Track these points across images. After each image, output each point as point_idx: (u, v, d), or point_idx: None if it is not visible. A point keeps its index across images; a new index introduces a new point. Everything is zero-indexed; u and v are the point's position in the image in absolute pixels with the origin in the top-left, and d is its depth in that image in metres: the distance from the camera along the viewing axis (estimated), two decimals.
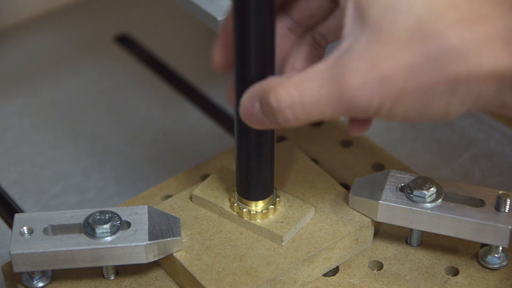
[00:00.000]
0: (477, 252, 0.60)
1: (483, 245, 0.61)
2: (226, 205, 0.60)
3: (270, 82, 0.51)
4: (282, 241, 0.58)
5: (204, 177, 0.66)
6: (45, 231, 0.57)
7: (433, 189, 0.58)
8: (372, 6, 0.49)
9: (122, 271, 0.59)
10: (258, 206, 0.59)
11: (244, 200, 0.59)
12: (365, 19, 0.49)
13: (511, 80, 0.49)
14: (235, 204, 0.59)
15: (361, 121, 0.54)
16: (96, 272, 0.59)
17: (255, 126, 0.52)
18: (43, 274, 0.58)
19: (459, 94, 0.49)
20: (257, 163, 0.57)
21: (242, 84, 0.53)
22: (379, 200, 0.58)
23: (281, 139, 0.68)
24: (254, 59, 0.53)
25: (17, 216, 0.57)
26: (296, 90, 0.50)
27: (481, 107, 0.50)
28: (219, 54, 0.56)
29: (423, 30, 0.48)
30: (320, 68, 0.50)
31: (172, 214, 0.60)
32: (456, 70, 0.48)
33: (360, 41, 0.49)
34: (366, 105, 0.49)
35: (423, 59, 0.48)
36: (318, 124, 0.70)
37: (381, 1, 0.49)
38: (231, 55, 0.54)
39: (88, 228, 0.56)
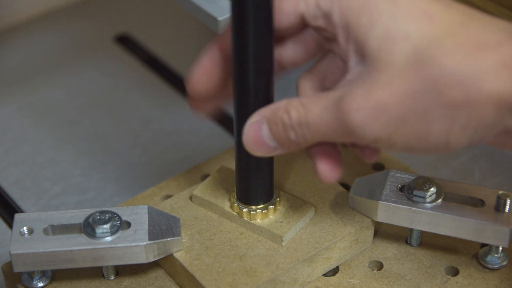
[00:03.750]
0: (477, 252, 0.60)
1: (483, 245, 0.61)
2: (226, 205, 0.60)
3: (280, 103, 0.52)
4: (282, 241, 0.58)
5: (204, 177, 0.66)
6: (45, 231, 0.57)
7: (433, 189, 0.58)
8: (370, 38, 0.49)
9: (122, 271, 0.59)
10: (258, 206, 0.59)
11: None
12: (364, 50, 0.50)
13: (510, 104, 0.48)
14: (235, 204, 0.59)
15: (371, 148, 0.55)
16: (96, 272, 0.59)
17: (261, 151, 0.54)
18: (43, 274, 0.58)
19: (459, 121, 0.49)
20: (257, 172, 0.57)
21: (243, 113, 0.54)
22: (379, 200, 0.58)
23: None
24: (253, 87, 0.53)
25: (17, 216, 0.57)
26: (304, 109, 0.51)
27: (483, 135, 0.49)
28: (203, 74, 0.56)
29: (419, 58, 0.48)
30: (326, 94, 0.51)
31: (172, 214, 0.60)
32: (454, 96, 0.48)
33: (360, 71, 0.50)
34: (363, 132, 0.49)
35: (419, 85, 0.48)
36: None
37: (378, 32, 0.49)
38: (216, 75, 0.55)
39: (88, 228, 0.56)
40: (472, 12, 0.50)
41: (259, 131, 0.53)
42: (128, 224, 0.57)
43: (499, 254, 0.59)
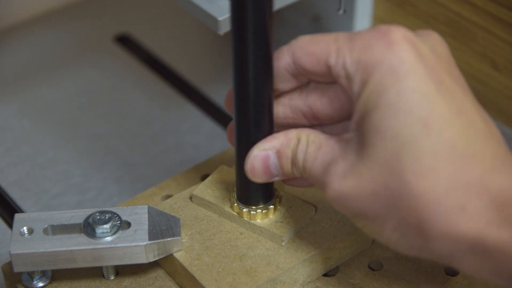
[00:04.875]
0: None
1: None
2: (226, 205, 0.60)
3: (291, 133, 0.54)
4: (282, 241, 0.58)
5: (204, 177, 0.66)
6: (45, 231, 0.57)
7: None
8: (367, 120, 0.49)
9: (122, 271, 0.59)
10: (258, 206, 0.59)
11: None
12: (360, 126, 0.50)
13: (468, 247, 0.48)
14: (235, 204, 0.59)
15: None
16: (96, 272, 0.59)
17: (262, 179, 0.55)
18: (43, 274, 0.58)
19: (408, 239, 0.49)
20: None
21: (243, 112, 0.55)
22: None
23: None
24: (253, 84, 0.54)
25: (17, 216, 0.57)
26: (306, 145, 0.53)
27: (433, 259, 0.50)
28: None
29: (394, 166, 0.48)
30: (326, 144, 0.52)
31: (172, 214, 0.60)
32: (407, 217, 0.48)
33: (351, 140, 0.51)
34: (331, 202, 0.51)
35: (383, 192, 0.49)
36: None
37: (374, 120, 0.49)
38: None
39: (88, 228, 0.56)
40: (497, 144, 0.49)
41: (267, 160, 0.54)
42: (128, 224, 0.57)
43: None
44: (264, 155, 0.54)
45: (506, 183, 0.48)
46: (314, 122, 0.56)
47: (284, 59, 0.53)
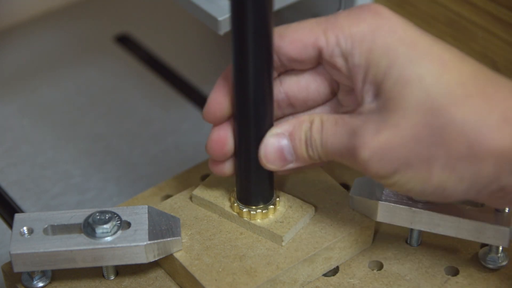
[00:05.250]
0: (477, 252, 0.60)
1: (483, 245, 0.61)
2: (226, 205, 0.60)
3: (302, 117, 0.54)
4: (282, 241, 0.58)
5: (204, 177, 0.66)
6: (45, 231, 0.57)
7: None
8: (385, 79, 0.51)
9: (122, 271, 0.59)
10: (258, 206, 0.59)
11: None
12: (379, 90, 0.51)
13: (509, 161, 0.49)
14: (235, 204, 0.59)
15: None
16: (96, 272, 0.59)
17: (277, 165, 0.55)
18: (43, 274, 0.58)
19: (458, 171, 0.50)
20: (257, 172, 0.57)
21: (243, 112, 0.55)
22: (379, 200, 0.58)
23: None
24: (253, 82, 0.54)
25: (17, 216, 0.57)
26: (321, 127, 0.53)
27: (479, 190, 0.51)
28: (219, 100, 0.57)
29: (429, 104, 0.49)
30: (342, 120, 0.53)
31: (172, 214, 0.60)
32: (457, 147, 0.49)
33: (374, 107, 0.51)
34: (366, 166, 0.51)
35: (426, 132, 0.50)
36: None
37: (393, 73, 0.50)
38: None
39: (88, 228, 0.56)
40: (481, 66, 0.52)
41: (280, 145, 0.54)
42: (128, 224, 0.57)
43: (499, 254, 0.59)
44: (277, 140, 0.54)
45: None
46: (288, 110, 0.56)
47: None
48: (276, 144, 0.54)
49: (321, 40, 0.53)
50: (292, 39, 0.53)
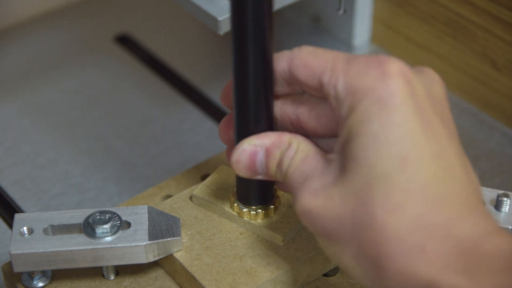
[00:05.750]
0: None
1: None
2: (226, 205, 0.60)
3: (284, 137, 0.53)
4: (282, 241, 0.58)
5: (204, 177, 0.66)
6: (45, 231, 0.57)
7: None
8: (350, 145, 0.49)
9: (122, 271, 0.59)
10: (258, 206, 0.59)
11: None
12: (343, 149, 0.50)
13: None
14: (235, 204, 0.59)
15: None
16: (96, 272, 0.59)
17: (244, 174, 0.55)
18: (43, 274, 0.58)
19: (364, 267, 0.49)
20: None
21: (243, 112, 0.55)
22: None
23: None
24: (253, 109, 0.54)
25: (17, 216, 0.57)
26: (294, 152, 0.53)
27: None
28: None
29: (368, 195, 0.48)
30: (311, 159, 0.52)
31: (172, 214, 0.60)
32: (370, 248, 0.48)
33: (334, 161, 0.51)
34: (301, 219, 0.51)
35: (351, 219, 0.48)
36: None
37: (357, 146, 0.49)
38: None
39: (88, 228, 0.56)
40: (453, 168, 0.49)
41: (254, 156, 0.54)
42: (128, 224, 0.57)
43: None
44: (253, 151, 0.54)
45: (473, 231, 0.47)
46: (299, 131, 0.55)
47: (281, 64, 0.53)
48: (250, 154, 0.54)
49: (326, 76, 0.51)
50: (305, 62, 0.52)
